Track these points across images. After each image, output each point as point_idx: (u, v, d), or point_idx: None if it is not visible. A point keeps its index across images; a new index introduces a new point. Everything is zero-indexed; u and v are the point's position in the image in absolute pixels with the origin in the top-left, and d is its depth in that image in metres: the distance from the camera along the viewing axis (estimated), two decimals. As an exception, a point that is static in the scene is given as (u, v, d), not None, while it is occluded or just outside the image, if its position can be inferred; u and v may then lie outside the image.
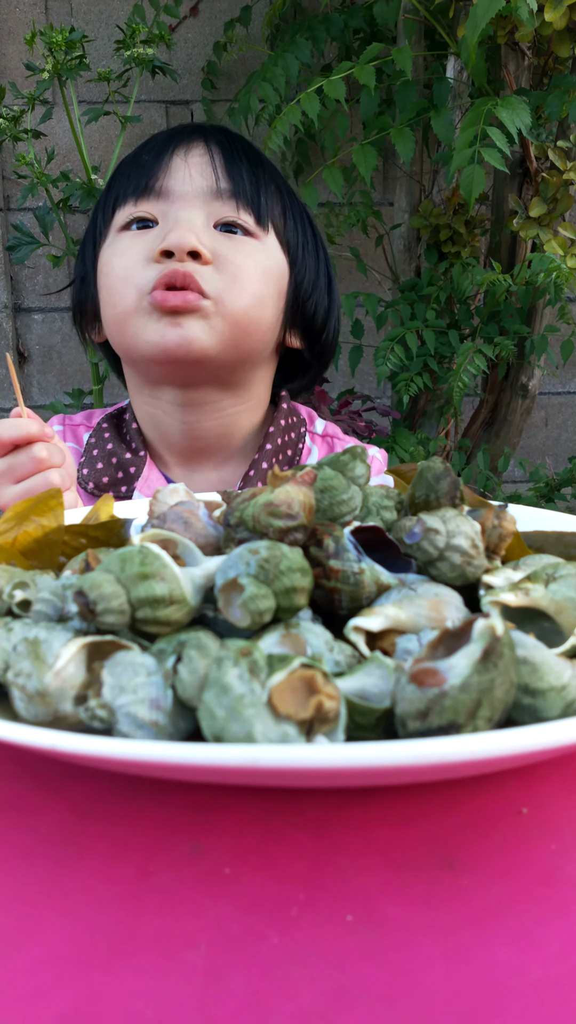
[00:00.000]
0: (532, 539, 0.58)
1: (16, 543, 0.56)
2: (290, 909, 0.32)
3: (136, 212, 0.88)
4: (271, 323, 0.91)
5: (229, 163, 0.88)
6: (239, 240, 0.88)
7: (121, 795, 0.39)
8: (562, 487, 1.93)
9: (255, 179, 0.89)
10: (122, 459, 0.96)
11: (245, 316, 0.87)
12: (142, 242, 0.87)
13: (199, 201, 0.87)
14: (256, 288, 0.87)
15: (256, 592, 0.39)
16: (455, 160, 1.41)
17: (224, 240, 0.87)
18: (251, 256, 0.88)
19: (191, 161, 0.88)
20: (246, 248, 0.88)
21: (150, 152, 0.90)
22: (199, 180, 0.87)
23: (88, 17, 2.08)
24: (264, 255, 0.89)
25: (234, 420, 0.96)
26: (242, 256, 0.87)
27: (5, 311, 2.21)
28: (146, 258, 0.86)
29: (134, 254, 0.87)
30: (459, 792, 0.39)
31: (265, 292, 0.89)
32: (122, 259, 0.87)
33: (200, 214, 0.86)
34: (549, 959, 0.29)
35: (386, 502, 0.53)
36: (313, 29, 1.75)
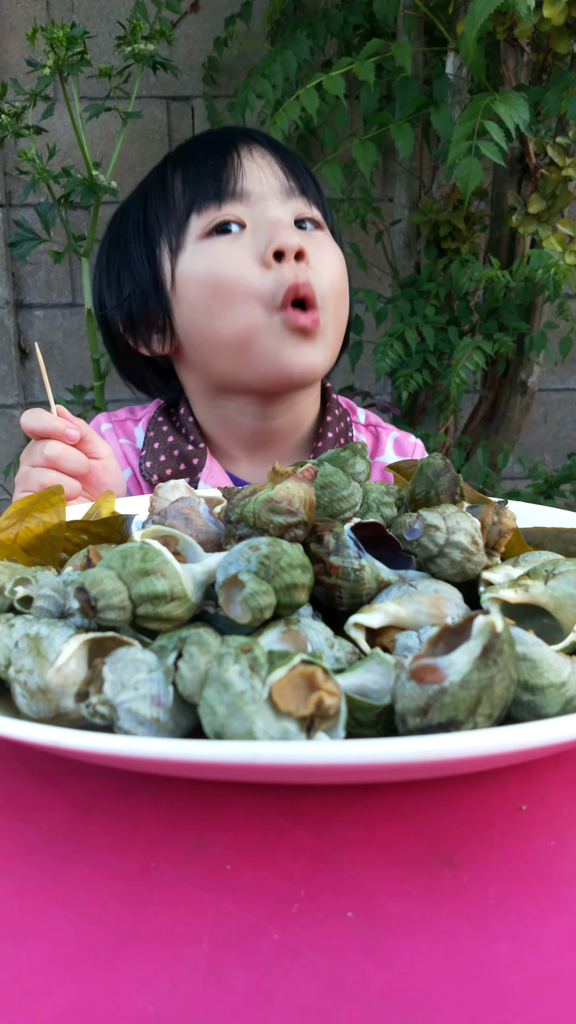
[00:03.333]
0: (531, 535, 0.58)
1: (18, 539, 0.56)
2: (290, 905, 0.32)
3: (221, 216, 0.86)
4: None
5: (286, 161, 0.90)
6: (315, 235, 0.89)
7: (122, 791, 0.39)
8: (561, 484, 1.93)
9: (309, 174, 0.92)
10: (184, 451, 0.96)
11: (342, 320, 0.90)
12: (242, 245, 0.85)
13: (278, 200, 0.87)
14: (342, 284, 0.90)
15: (257, 588, 0.39)
16: (451, 152, 1.41)
17: (308, 239, 0.88)
18: (330, 250, 0.90)
19: (257, 162, 0.88)
20: (324, 242, 0.90)
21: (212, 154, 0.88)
22: (273, 180, 0.88)
23: (89, 13, 2.07)
24: (334, 246, 0.92)
25: (304, 412, 0.98)
26: (324, 251, 0.89)
27: (7, 307, 2.21)
28: (256, 261, 0.84)
29: (243, 257, 0.85)
30: (459, 789, 0.39)
31: (344, 284, 0.91)
32: (232, 265, 0.85)
33: (279, 213, 0.87)
34: (548, 955, 0.29)
35: (386, 498, 0.54)
36: (313, 25, 1.75)
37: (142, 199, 0.94)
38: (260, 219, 0.86)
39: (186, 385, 1.00)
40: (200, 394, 0.98)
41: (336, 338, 0.89)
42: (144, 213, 0.92)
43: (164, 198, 0.91)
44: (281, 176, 0.88)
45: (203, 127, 2.13)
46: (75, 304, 2.25)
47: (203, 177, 0.87)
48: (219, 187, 0.86)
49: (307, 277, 0.83)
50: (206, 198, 0.86)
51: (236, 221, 0.86)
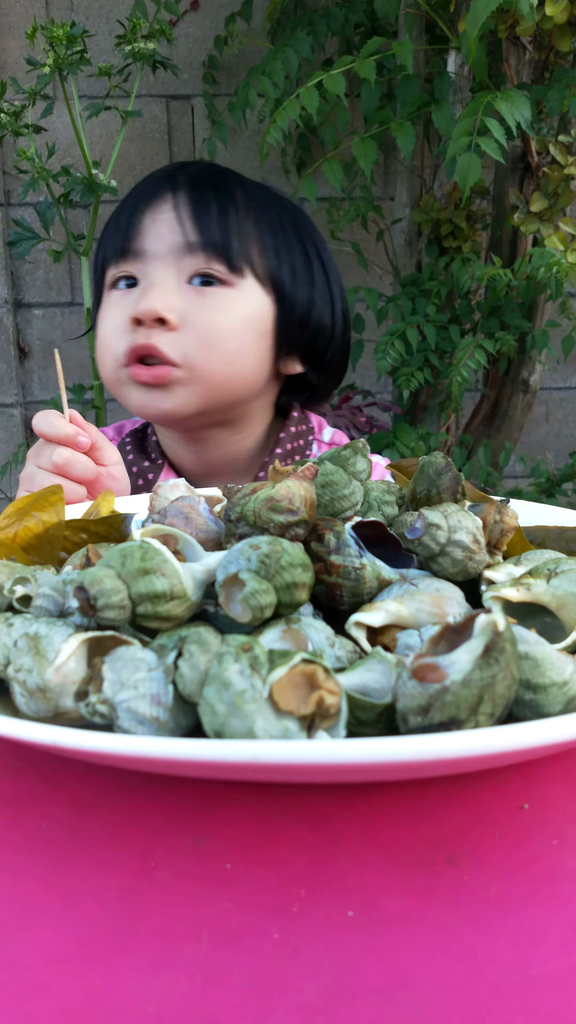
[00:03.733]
0: (533, 534, 0.58)
1: (17, 538, 0.56)
2: (291, 904, 0.32)
3: (119, 272, 0.92)
4: (253, 369, 0.94)
5: (197, 213, 0.90)
6: (211, 294, 0.90)
7: (122, 790, 0.39)
8: (563, 482, 1.92)
9: (225, 224, 0.90)
10: (141, 468, 1.02)
11: (220, 375, 0.90)
12: (123, 305, 0.91)
13: (171, 258, 0.89)
14: (228, 346, 0.90)
15: (257, 587, 0.39)
16: (451, 147, 1.40)
17: (195, 298, 0.89)
18: (222, 312, 0.90)
19: (159, 219, 0.90)
20: (218, 303, 0.90)
21: (127, 211, 0.94)
22: (168, 237, 0.89)
23: (88, 12, 2.07)
24: (239, 303, 0.91)
25: (238, 448, 1.01)
26: (212, 314, 0.89)
27: (6, 306, 2.21)
28: (123, 324, 0.90)
29: (115, 318, 0.91)
30: (460, 788, 0.39)
31: (239, 344, 0.91)
32: (104, 325, 0.93)
33: (172, 272, 0.89)
34: (550, 954, 0.29)
35: (387, 497, 0.53)
36: (314, 23, 1.75)
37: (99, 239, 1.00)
38: (146, 279, 0.90)
39: None
40: None
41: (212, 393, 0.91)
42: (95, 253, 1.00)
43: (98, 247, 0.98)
44: (183, 233, 0.89)
45: (203, 126, 2.13)
46: (74, 303, 2.25)
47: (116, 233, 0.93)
48: (117, 245, 0.92)
49: (150, 341, 0.87)
50: (112, 254, 0.93)
51: (129, 277, 0.92)
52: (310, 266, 0.97)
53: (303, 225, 0.99)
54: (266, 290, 0.93)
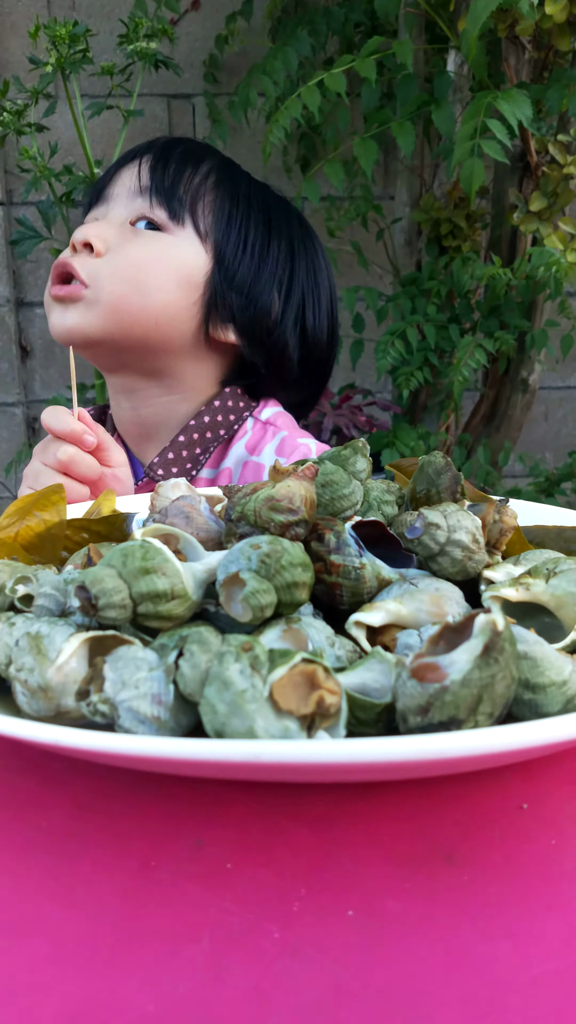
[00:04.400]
0: (533, 534, 0.58)
1: (18, 538, 0.56)
2: (291, 904, 0.32)
3: (90, 216, 0.99)
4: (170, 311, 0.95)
5: (155, 164, 0.96)
6: (143, 234, 0.94)
7: (123, 790, 0.39)
8: (562, 482, 1.92)
9: (177, 176, 0.96)
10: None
11: (122, 300, 0.92)
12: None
13: (125, 200, 0.96)
14: (141, 276, 0.93)
15: (257, 587, 0.39)
16: (456, 154, 1.41)
17: (129, 235, 0.94)
18: (147, 248, 0.93)
19: (126, 169, 0.98)
20: (147, 241, 0.94)
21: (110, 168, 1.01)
22: (127, 182, 0.96)
23: (90, 11, 2.07)
24: (169, 247, 0.94)
25: (170, 409, 1.02)
26: (136, 248, 0.93)
27: (7, 305, 2.21)
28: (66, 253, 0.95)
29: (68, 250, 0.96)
30: (460, 787, 0.39)
31: (154, 279, 0.93)
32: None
33: (121, 213, 0.96)
34: (549, 954, 0.29)
35: (387, 497, 0.54)
36: (314, 23, 1.75)
37: None
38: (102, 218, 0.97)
39: None
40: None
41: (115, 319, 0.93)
42: None
43: None
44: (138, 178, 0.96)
45: (204, 125, 2.13)
46: (76, 302, 2.24)
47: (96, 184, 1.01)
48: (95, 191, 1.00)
49: (70, 261, 0.92)
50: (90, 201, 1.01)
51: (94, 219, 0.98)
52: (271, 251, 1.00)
53: (294, 226, 1.02)
54: (205, 247, 0.96)
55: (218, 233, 0.97)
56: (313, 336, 1.04)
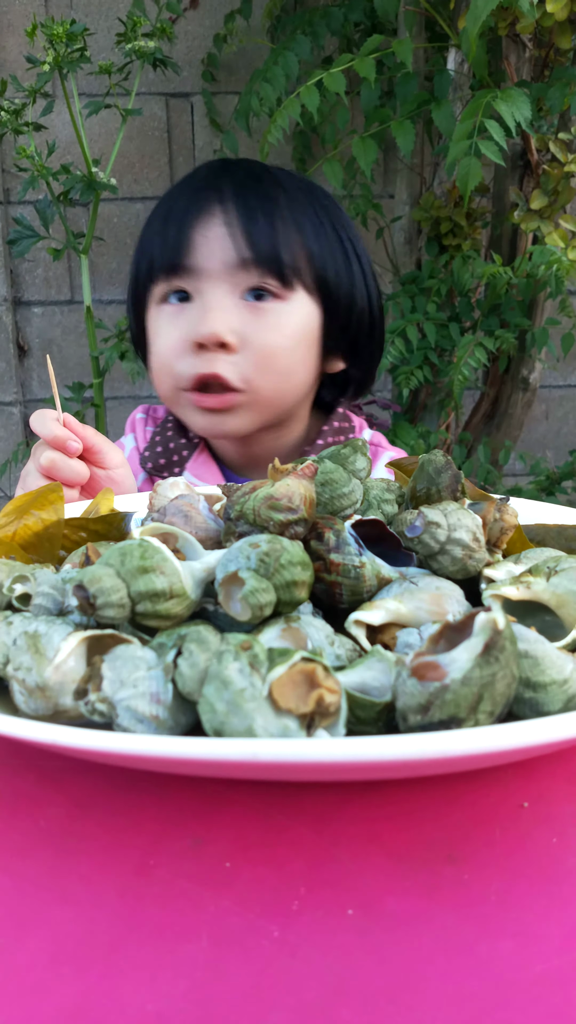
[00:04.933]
0: (533, 532, 0.58)
1: (16, 537, 0.56)
2: (291, 903, 0.32)
3: (170, 288, 0.93)
4: (304, 379, 0.97)
5: (248, 229, 0.90)
6: (266, 311, 0.91)
7: (121, 789, 0.39)
8: (563, 480, 1.92)
9: (274, 237, 0.91)
10: (178, 445, 1.05)
11: (277, 393, 0.93)
12: (178, 325, 0.92)
13: (225, 275, 0.90)
14: (283, 363, 0.92)
15: (256, 586, 0.39)
16: (452, 152, 1.40)
17: (251, 317, 0.90)
18: (278, 330, 0.91)
19: (210, 235, 0.91)
20: (272, 320, 0.91)
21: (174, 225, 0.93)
22: (221, 255, 0.90)
23: (88, 10, 2.07)
24: (292, 317, 0.93)
25: (281, 444, 1.04)
26: (268, 333, 0.91)
27: (5, 304, 2.20)
28: (183, 346, 0.91)
29: (173, 338, 0.92)
30: (460, 786, 0.39)
31: (293, 360, 0.93)
32: (163, 343, 0.93)
33: (227, 289, 0.91)
34: (550, 953, 0.29)
35: (387, 495, 0.53)
36: (313, 23, 1.74)
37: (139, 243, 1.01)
38: (201, 296, 0.91)
39: None
40: None
41: (270, 410, 0.94)
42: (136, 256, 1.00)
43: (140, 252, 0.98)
44: (236, 248, 0.90)
45: (202, 124, 2.12)
46: (74, 301, 2.24)
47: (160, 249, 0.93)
48: (171, 263, 0.92)
49: (215, 370, 0.89)
50: (161, 270, 0.93)
51: (183, 291, 0.93)
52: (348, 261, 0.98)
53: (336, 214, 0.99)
54: (314, 299, 0.95)
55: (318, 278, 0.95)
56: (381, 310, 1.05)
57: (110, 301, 2.23)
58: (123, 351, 1.77)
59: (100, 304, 2.22)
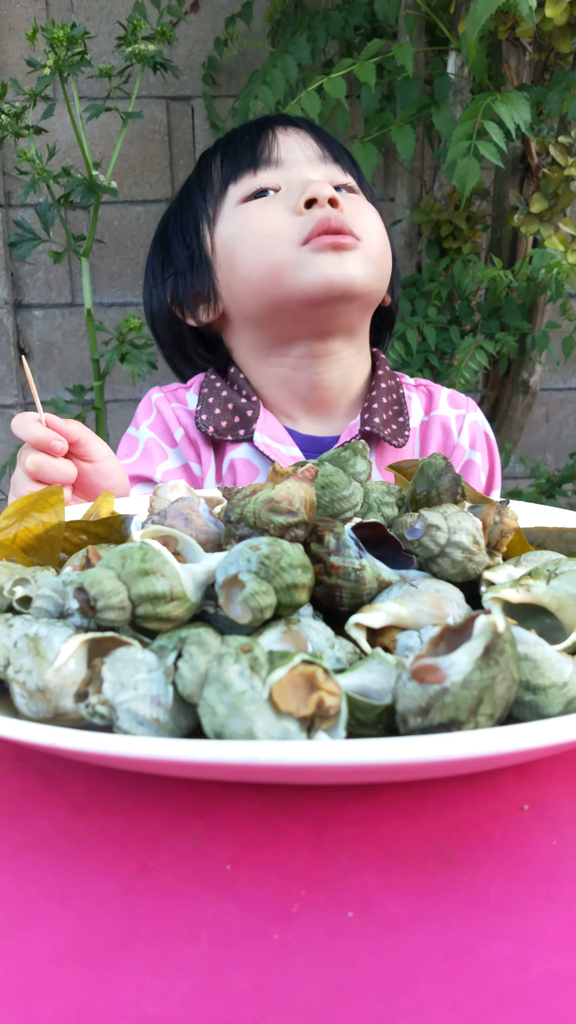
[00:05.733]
0: (533, 535, 0.58)
1: (17, 539, 0.56)
2: (291, 905, 0.32)
3: (258, 182, 0.94)
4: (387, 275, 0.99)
5: (325, 138, 0.98)
6: (352, 197, 0.96)
7: (122, 791, 0.39)
8: (563, 483, 1.93)
9: (345, 152, 1.00)
10: (238, 404, 1.01)
11: (381, 256, 0.95)
12: (276, 204, 0.92)
13: (312, 165, 0.95)
14: (381, 232, 0.97)
15: (257, 588, 0.39)
16: (451, 152, 1.41)
17: (342, 196, 0.94)
18: (367, 207, 0.97)
19: (291, 135, 0.97)
20: (361, 202, 0.97)
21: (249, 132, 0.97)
22: (307, 149, 0.96)
23: (89, 13, 2.07)
24: (372, 210, 0.98)
25: (352, 370, 1.02)
26: (361, 207, 0.96)
27: (6, 307, 2.21)
28: (289, 213, 0.91)
29: (274, 211, 0.92)
30: (460, 788, 0.39)
31: (384, 244, 0.97)
32: (263, 219, 0.92)
33: (317, 175, 0.95)
34: (550, 955, 0.29)
35: (387, 498, 0.53)
36: (313, 27, 1.75)
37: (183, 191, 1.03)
38: (294, 181, 0.93)
39: (236, 350, 1.05)
40: (251, 356, 1.03)
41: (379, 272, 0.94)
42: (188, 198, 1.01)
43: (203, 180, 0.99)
44: (315, 147, 0.96)
45: (203, 127, 2.13)
46: (75, 304, 2.25)
47: (240, 151, 0.96)
48: (254, 156, 0.94)
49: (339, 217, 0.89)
50: (241, 168, 0.95)
51: (271, 187, 0.94)
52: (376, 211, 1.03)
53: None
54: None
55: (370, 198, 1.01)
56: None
57: (111, 304, 2.23)
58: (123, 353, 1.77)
59: (101, 307, 2.22)
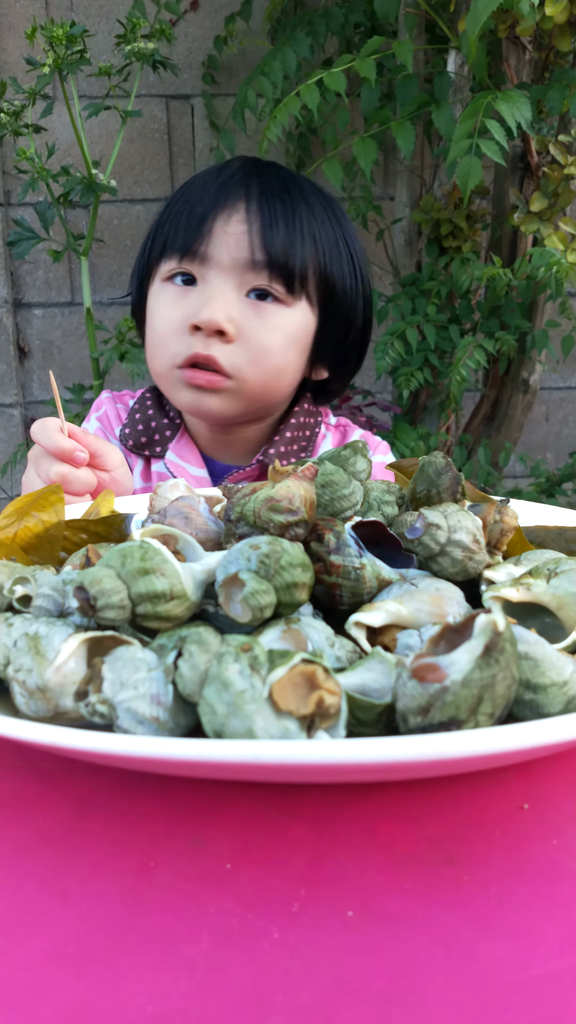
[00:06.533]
0: (533, 534, 0.58)
1: (17, 538, 0.56)
2: (291, 904, 0.32)
3: (178, 269, 0.95)
4: (290, 381, 1.00)
5: (266, 232, 0.93)
6: (266, 311, 0.94)
7: (121, 790, 0.39)
8: (563, 482, 1.92)
9: (291, 246, 0.94)
10: (159, 424, 1.07)
11: (263, 388, 0.96)
12: (180, 306, 0.94)
13: (235, 271, 0.93)
14: (277, 362, 0.95)
15: (257, 587, 0.39)
16: (452, 151, 1.41)
17: (252, 313, 0.93)
18: (277, 328, 0.94)
19: (230, 231, 0.93)
20: (272, 320, 0.94)
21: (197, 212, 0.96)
22: (236, 251, 0.93)
23: (88, 12, 2.07)
24: (291, 321, 0.95)
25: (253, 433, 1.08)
26: (267, 330, 0.94)
27: (5, 306, 2.21)
28: (181, 326, 0.93)
29: (172, 318, 0.95)
30: (460, 788, 0.39)
31: (284, 361, 0.96)
32: (161, 321, 0.96)
33: (234, 284, 0.93)
34: (550, 954, 0.29)
35: (387, 497, 0.53)
36: (313, 23, 1.75)
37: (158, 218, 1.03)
38: (206, 284, 0.94)
39: None
40: None
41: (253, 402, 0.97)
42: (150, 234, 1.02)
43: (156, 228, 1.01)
44: (247, 249, 0.92)
45: (202, 125, 2.12)
46: (74, 303, 2.24)
47: (178, 230, 0.96)
48: (183, 244, 0.94)
49: (210, 352, 0.92)
50: (173, 249, 0.95)
51: (189, 274, 0.95)
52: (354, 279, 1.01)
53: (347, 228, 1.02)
54: (313, 310, 0.98)
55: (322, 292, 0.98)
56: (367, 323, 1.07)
57: (110, 303, 2.23)
58: (123, 352, 1.77)
59: (100, 306, 2.22)
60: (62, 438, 0.77)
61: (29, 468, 0.81)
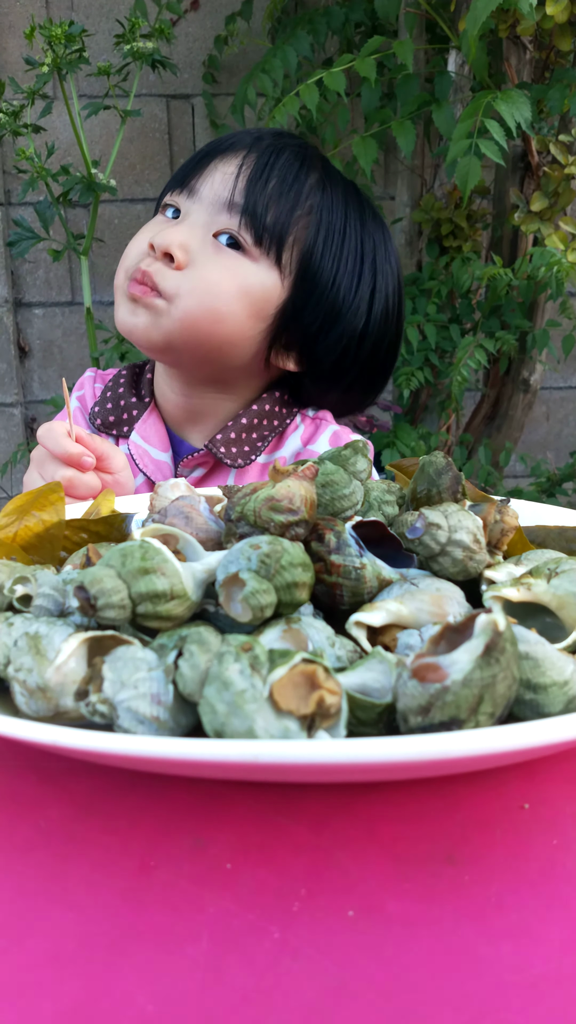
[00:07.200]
0: (534, 534, 0.58)
1: (17, 538, 0.56)
2: (291, 904, 0.32)
3: (170, 201, 0.96)
4: (237, 338, 0.95)
5: (253, 180, 0.92)
6: (225, 253, 0.92)
7: (122, 790, 0.39)
8: (563, 482, 1.92)
9: (274, 201, 0.92)
10: (128, 403, 1.06)
11: (194, 323, 0.92)
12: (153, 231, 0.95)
13: (213, 207, 0.92)
14: (218, 303, 0.92)
15: (257, 587, 0.39)
16: (451, 150, 1.41)
17: (211, 250, 0.92)
18: (229, 271, 0.92)
19: (220, 169, 0.93)
20: (229, 262, 0.92)
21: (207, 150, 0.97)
22: (219, 188, 0.92)
23: (88, 11, 2.07)
24: (248, 272, 0.93)
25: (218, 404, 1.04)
26: (218, 269, 0.91)
27: (6, 306, 2.21)
28: (143, 246, 0.94)
29: (141, 239, 0.96)
30: (461, 787, 0.39)
31: (229, 309, 0.93)
32: (135, 239, 0.97)
33: (205, 219, 0.92)
34: (550, 954, 0.29)
35: (388, 497, 0.53)
36: (314, 22, 1.74)
37: None
38: (186, 216, 0.94)
39: None
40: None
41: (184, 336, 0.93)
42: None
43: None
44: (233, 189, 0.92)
45: (203, 125, 2.12)
46: (74, 302, 2.24)
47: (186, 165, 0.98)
48: (182, 177, 0.96)
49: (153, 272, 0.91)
50: (173, 183, 0.98)
51: (176, 207, 0.96)
52: (359, 285, 0.98)
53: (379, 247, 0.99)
54: (283, 280, 0.94)
55: (301, 270, 0.95)
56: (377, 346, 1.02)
57: (110, 302, 2.23)
58: (123, 352, 1.77)
59: (100, 305, 2.22)
60: (69, 443, 0.77)
61: (31, 469, 0.81)
